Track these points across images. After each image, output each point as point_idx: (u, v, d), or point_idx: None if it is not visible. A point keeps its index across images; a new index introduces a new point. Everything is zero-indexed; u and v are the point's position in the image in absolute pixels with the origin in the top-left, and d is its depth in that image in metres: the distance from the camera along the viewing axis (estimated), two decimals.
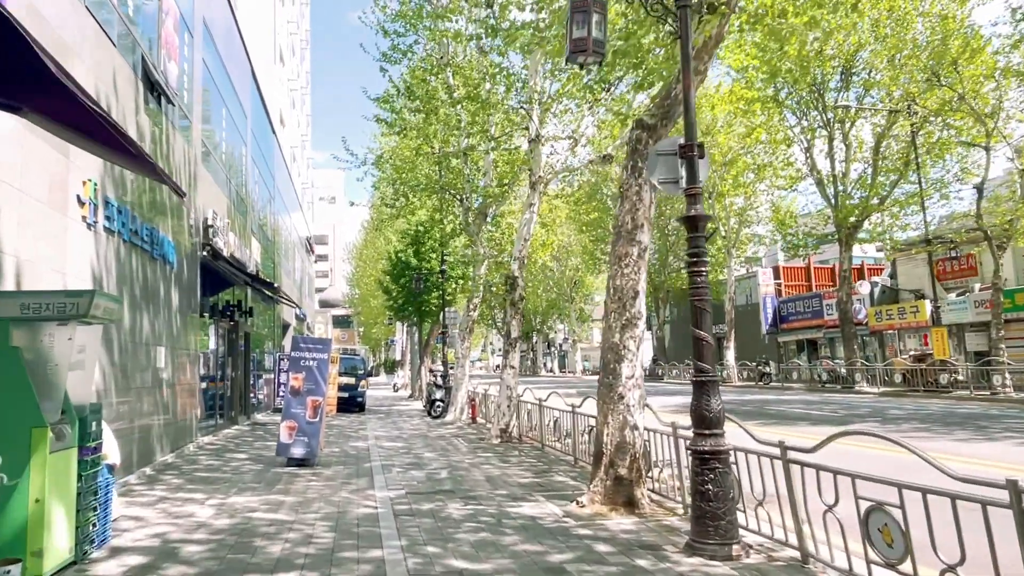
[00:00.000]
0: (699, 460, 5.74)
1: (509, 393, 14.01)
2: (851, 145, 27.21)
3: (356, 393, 22.16)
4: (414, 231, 26.55)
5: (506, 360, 14.37)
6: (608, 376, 7.86)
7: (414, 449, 12.50)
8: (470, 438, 14.44)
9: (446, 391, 20.66)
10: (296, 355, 10.25)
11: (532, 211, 14.81)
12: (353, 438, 14.52)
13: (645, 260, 8.20)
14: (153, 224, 9.78)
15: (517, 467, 10.32)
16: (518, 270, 14.58)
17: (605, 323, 8.13)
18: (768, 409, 18.96)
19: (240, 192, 17.16)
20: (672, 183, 6.52)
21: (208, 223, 12.80)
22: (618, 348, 7.86)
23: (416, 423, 18.63)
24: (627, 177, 8.25)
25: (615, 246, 8.19)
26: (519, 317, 14.46)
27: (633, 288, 7.99)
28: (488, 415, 17.86)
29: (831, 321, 32.22)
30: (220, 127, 14.99)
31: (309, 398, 10.11)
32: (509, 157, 19.95)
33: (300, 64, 39.03)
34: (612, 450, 7.62)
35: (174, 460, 10.51)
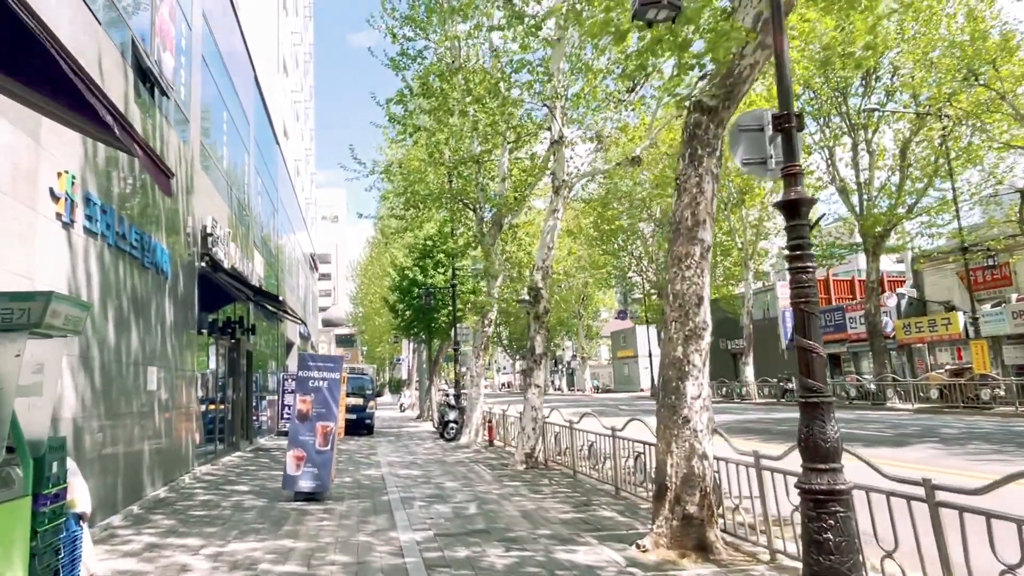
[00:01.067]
0: (813, 502, 4.60)
1: (534, 414, 12.85)
2: (875, 152, 26.21)
3: (365, 415, 20.99)
4: (422, 245, 25.51)
5: (530, 379, 13.23)
6: (670, 396, 6.73)
7: (433, 477, 11.33)
8: (491, 464, 13.26)
9: (459, 412, 19.50)
10: (304, 375, 9.13)
11: (556, 217, 13.75)
12: (364, 465, 13.35)
13: (708, 261, 7.12)
14: (144, 229, 8.72)
15: (552, 499, 9.15)
16: (541, 281, 13.48)
17: (665, 335, 7.02)
18: None
19: (242, 202, 16.13)
20: (758, 164, 5.45)
21: (207, 231, 11.75)
22: (681, 364, 6.74)
23: (430, 447, 17.45)
24: (684, 167, 7.18)
25: (673, 246, 7.11)
26: (544, 332, 13.34)
27: (696, 294, 6.89)
28: (506, 438, 16.71)
29: (854, 335, 31.03)
30: (220, 130, 13.99)
31: (319, 423, 8.97)
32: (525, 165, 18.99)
33: (304, 77, 38.26)
34: (678, 484, 6.48)
35: (167, 495, 9.35)
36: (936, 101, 21.47)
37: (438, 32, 16.72)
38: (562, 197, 13.81)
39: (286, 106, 27.96)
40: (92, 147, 7.06)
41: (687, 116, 7.31)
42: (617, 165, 14.21)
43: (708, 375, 6.88)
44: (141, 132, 8.58)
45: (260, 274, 18.08)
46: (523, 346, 75.24)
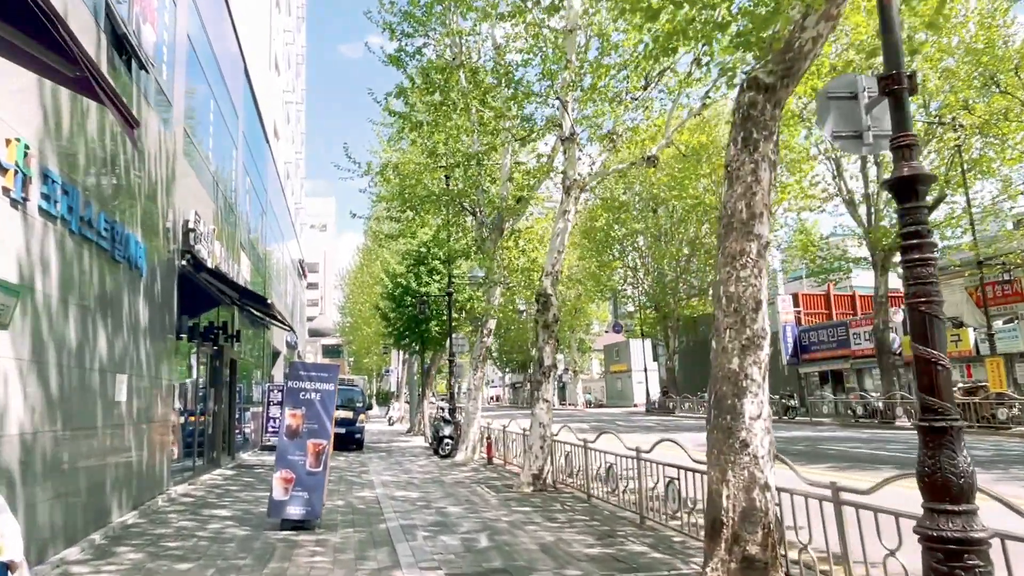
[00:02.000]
0: (944, 553, 3.66)
1: (543, 432, 11.85)
2: (883, 163, 25.58)
3: (354, 429, 19.87)
4: (416, 252, 24.50)
5: (538, 392, 12.23)
6: (724, 416, 5.78)
7: (434, 501, 10.29)
8: (494, 485, 12.23)
9: (455, 427, 18.45)
10: (294, 385, 8.10)
11: (567, 219, 12.83)
12: (357, 485, 12.27)
13: (766, 260, 6.20)
14: (116, 217, 7.69)
15: (570, 528, 8.15)
16: (551, 287, 12.53)
17: (716, 344, 6.08)
18: (825, 449, 16.83)
19: (229, 199, 15.10)
20: (852, 138, 4.54)
21: (189, 227, 10.72)
22: (737, 378, 5.81)
23: (424, 464, 16.38)
24: (737, 153, 6.28)
25: (724, 242, 6.19)
26: (553, 342, 12.37)
27: (754, 297, 5.97)
28: (506, 455, 15.68)
29: (859, 351, 30.29)
30: (207, 120, 12.98)
31: (310, 441, 7.94)
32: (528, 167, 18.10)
33: (296, 79, 37.30)
34: (736, 519, 5.52)
35: (136, 521, 8.25)
36: (952, 109, 20.82)
37: (437, 30, 15.89)
38: (573, 197, 12.90)
39: (277, 106, 26.98)
40: (53, 113, 6.06)
41: (740, 95, 6.41)
42: (632, 165, 13.33)
43: (768, 391, 5.94)
44: None
45: (247, 277, 17.01)
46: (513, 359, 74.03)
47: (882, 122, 4.42)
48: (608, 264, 42.81)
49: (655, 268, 42.44)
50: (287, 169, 30.59)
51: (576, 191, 12.93)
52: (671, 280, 41.72)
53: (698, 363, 43.52)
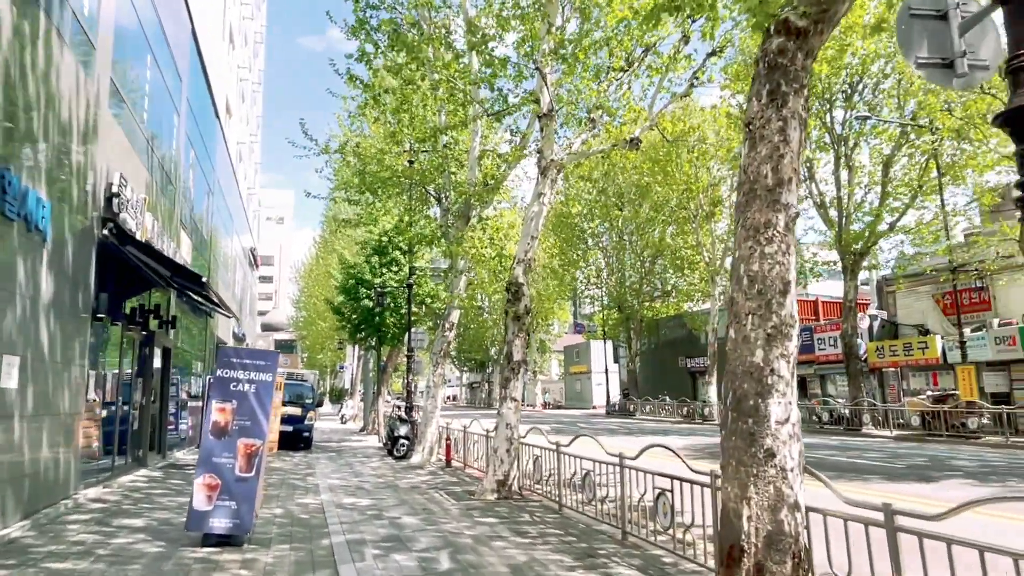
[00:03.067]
0: None
1: (509, 433, 10.76)
2: (855, 167, 25.21)
3: (302, 427, 18.47)
4: (376, 241, 23.16)
5: (506, 390, 11.13)
6: (745, 419, 4.78)
7: (387, 510, 9.11)
8: (454, 491, 11.09)
9: (411, 426, 17.23)
10: (224, 375, 6.84)
11: (542, 203, 11.78)
12: (300, 490, 10.98)
13: (794, 234, 5.24)
14: (7, 164, 6.34)
15: (544, 545, 7.08)
16: (523, 275, 11.46)
17: (736, 333, 5.07)
18: None
19: (168, 170, 13.64)
20: (941, 67, 3.57)
21: (113, 191, 9.33)
22: (761, 374, 4.81)
23: (377, 466, 15.14)
24: (761, 109, 5.31)
25: (746, 212, 5.21)
26: (524, 335, 11.29)
27: (781, 277, 4.99)
28: (466, 458, 14.56)
29: (823, 356, 29.96)
30: (143, 77, 11.56)
31: (241, 441, 6.69)
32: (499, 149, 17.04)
33: (253, 59, 35.48)
34: (759, 545, 4.52)
35: (23, 535, 6.87)
36: (931, 112, 20.43)
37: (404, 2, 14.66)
38: (549, 179, 11.86)
39: (231, 82, 25.33)
40: None
41: (765, 41, 5.44)
42: (614, 146, 12.33)
43: (796, 391, 4.95)
44: (9, 30, 6.24)
45: (187, 259, 15.53)
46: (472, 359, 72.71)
47: (978, 48, 3.46)
48: (573, 263, 41.99)
49: (619, 268, 41.78)
50: (240, 150, 28.89)
51: (553, 172, 11.89)
52: (635, 281, 41.09)
53: (660, 365, 43.01)
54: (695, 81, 12.61)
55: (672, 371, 40.97)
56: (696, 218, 32.13)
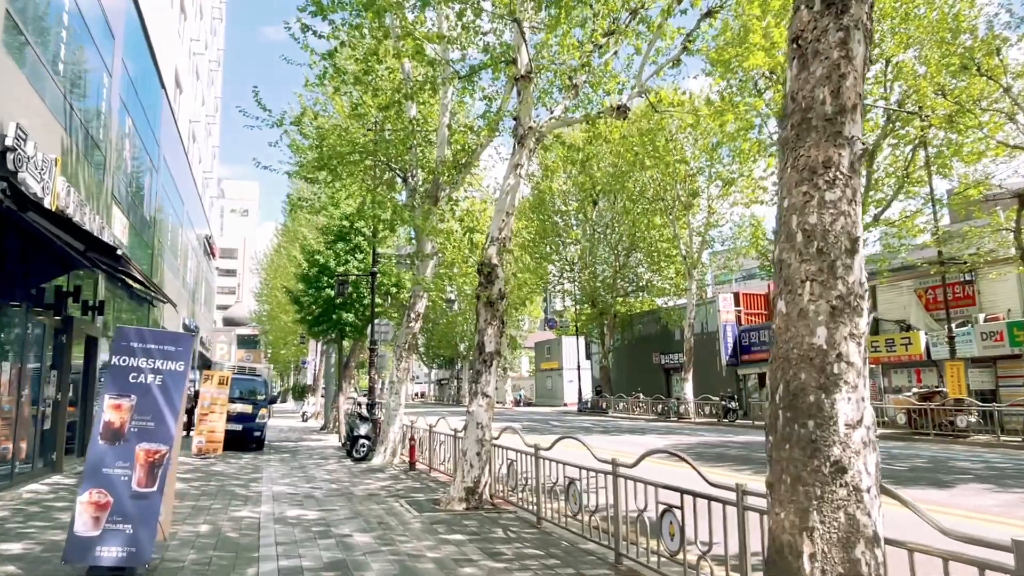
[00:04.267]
0: None
1: (480, 434, 9.45)
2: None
3: (253, 425, 16.92)
4: (338, 227, 21.62)
5: (476, 385, 9.81)
6: (802, 421, 3.55)
7: (336, 525, 7.73)
8: (416, 499, 9.75)
9: (372, 425, 15.82)
10: (121, 362, 5.41)
11: (518, 175, 10.48)
12: (238, 499, 9.52)
13: (861, 179, 4.02)
14: None
15: (521, 572, 5.80)
16: (496, 256, 10.15)
17: (786, 306, 3.83)
18: None
19: (94, 135, 12.03)
20: None
21: (7, 143, 7.78)
22: (825, 359, 3.59)
23: (333, 469, 13.72)
24: (813, 19, 4.16)
25: (796, 150, 4.00)
26: (498, 323, 9.98)
27: (848, 232, 3.78)
28: (432, 459, 13.22)
29: None
30: (57, 21, 9.96)
31: (142, 447, 5.26)
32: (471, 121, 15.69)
33: (211, 36, 33.52)
34: None
35: None
36: (921, 98, 19.58)
37: None
38: (527, 149, 10.56)
39: (182, 54, 23.53)
40: None
41: None
42: (599, 115, 11.07)
43: (868, 383, 3.72)
44: None
45: (120, 239, 13.92)
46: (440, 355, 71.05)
47: None
48: (545, 256, 40.79)
49: (592, 262, 40.70)
50: (192, 129, 27.06)
51: (531, 141, 10.59)
52: (608, 276, 40.04)
53: (634, 362, 42.05)
54: (687, 45, 11.46)
55: (646, 368, 40.02)
56: (673, 210, 31.15)
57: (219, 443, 15.02)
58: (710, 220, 31.55)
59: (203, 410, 14.95)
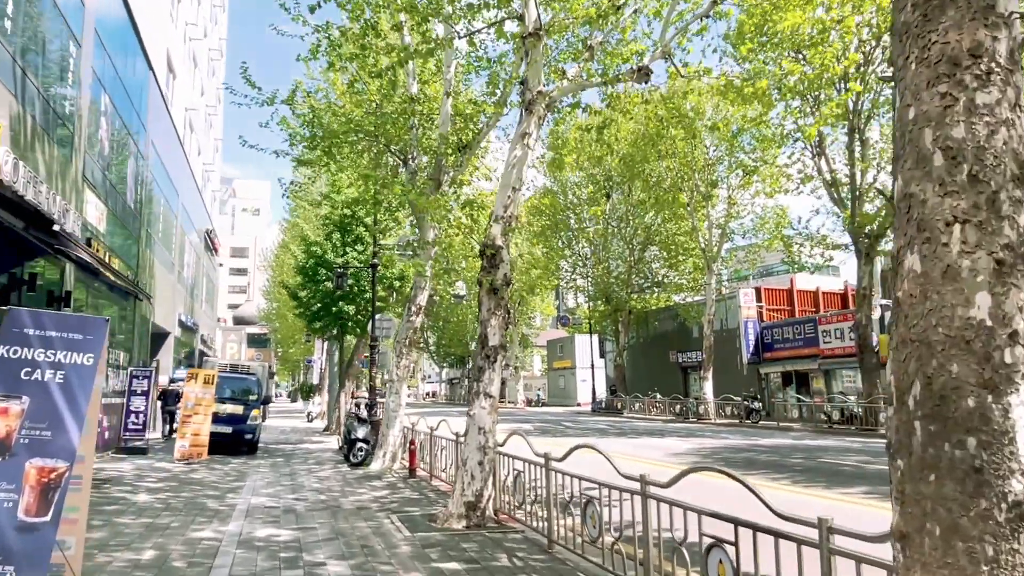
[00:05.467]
0: None
1: (483, 440, 8.23)
2: (868, 140, 22.99)
3: (245, 428, 15.77)
4: (339, 216, 20.46)
5: (478, 384, 8.58)
6: (955, 437, 2.22)
7: (311, 549, 6.53)
8: (411, 515, 8.53)
9: (371, 427, 14.64)
10: (10, 353, 4.20)
11: (526, 145, 9.24)
12: (205, 515, 8.32)
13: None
14: None
15: None
16: (501, 236, 8.92)
17: (922, 261, 2.50)
18: (834, 464, 13.76)
19: (59, 108, 10.91)
20: None
21: None
22: (990, 340, 2.26)
23: (326, 475, 12.54)
24: None
25: (921, 36, 2.66)
26: (502, 313, 8.74)
27: (1013, 150, 2.44)
28: (433, 465, 12.01)
29: (828, 350, 27.73)
30: None
31: (32, 464, 4.06)
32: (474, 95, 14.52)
33: (212, 24, 32.50)
34: None
35: None
36: None
37: None
38: (536, 116, 9.31)
39: (174, 36, 22.46)
40: None
41: None
42: (616, 78, 9.79)
43: None
44: None
45: (93, 223, 12.81)
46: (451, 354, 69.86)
47: None
48: (557, 251, 39.52)
49: (606, 257, 39.34)
50: (189, 118, 26.00)
51: (540, 108, 9.34)
52: (623, 271, 38.69)
53: (649, 360, 40.67)
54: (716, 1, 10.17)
55: (662, 366, 38.62)
56: (691, 201, 29.76)
57: (204, 447, 13.88)
58: (730, 212, 30.16)
59: (187, 411, 13.81)
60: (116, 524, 7.46)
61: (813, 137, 17.32)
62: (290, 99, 14.91)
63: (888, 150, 23.15)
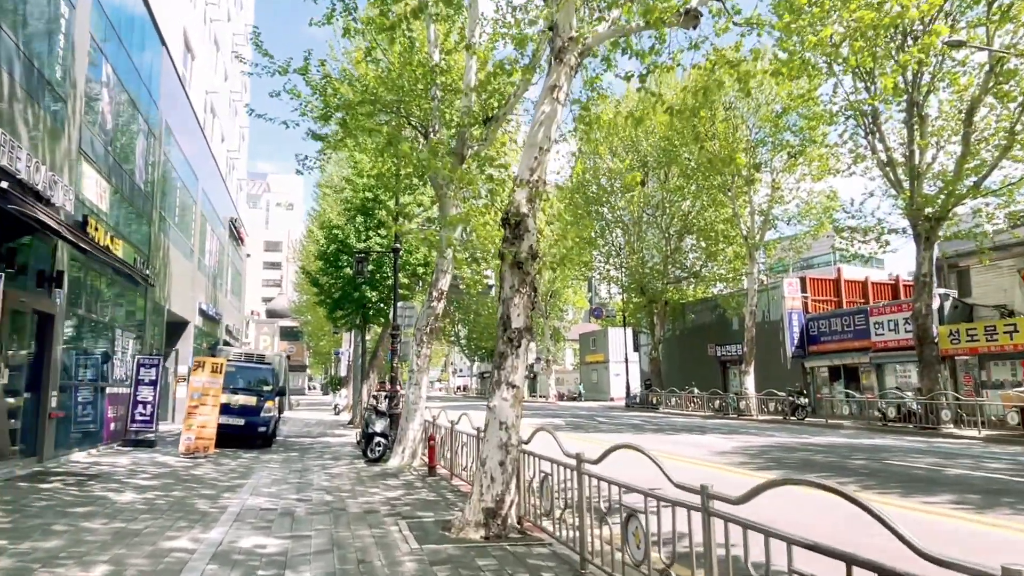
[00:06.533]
0: None
1: (503, 437, 7.08)
2: (928, 116, 21.21)
3: (258, 420, 14.86)
4: (360, 200, 19.50)
5: (500, 372, 7.43)
6: None
7: (297, 566, 5.46)
8: (423, 521, 7.44)
9: (389, 421, 13.62)
10: None
11: (555, 99, 8.04)
12: (189, 519, 7.31)
13: None
14: None
15: None
16: (527, 204, 7.75)
17: None
18: (903, 468, 12.32)
19: (48, 74, 10.04)
20: None
21: None
22: None
23: (339, 473, 11.53)
24: None
25: None
26: (527, 290, 7.57)
27: None
28: (454, 463, 10.91)
29: (880, 343, 25.97)
30: None
31: None
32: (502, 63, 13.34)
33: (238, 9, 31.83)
34: None
35: None
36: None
37: None
38: (567, 66, 8.10)
39: (194, 16, 21.72)
40: None
41: None
42: (660, 19, 8.51)
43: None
44: None
45: (92, 200, 11.96)
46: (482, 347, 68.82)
47: None
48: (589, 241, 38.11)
49: (640, 248, 37.82)
50: (211, 101, 25.31)
51: (572, 56, 8.13)
52: (658, 261, 37.16)
53: (686, 354, 39.11)
54: None
55: (700, 360, 37.02)
56: (732, 186, 28.18)
57: (210, 440, 12.97)
58: (774, 197, 28.50)
59: (193, 402, 12.92)
60: (80, 530, 6.49)
61: (889, 89, 15.66)
62: (304, 69, 13.94)
63: (948, 127, 21.37)
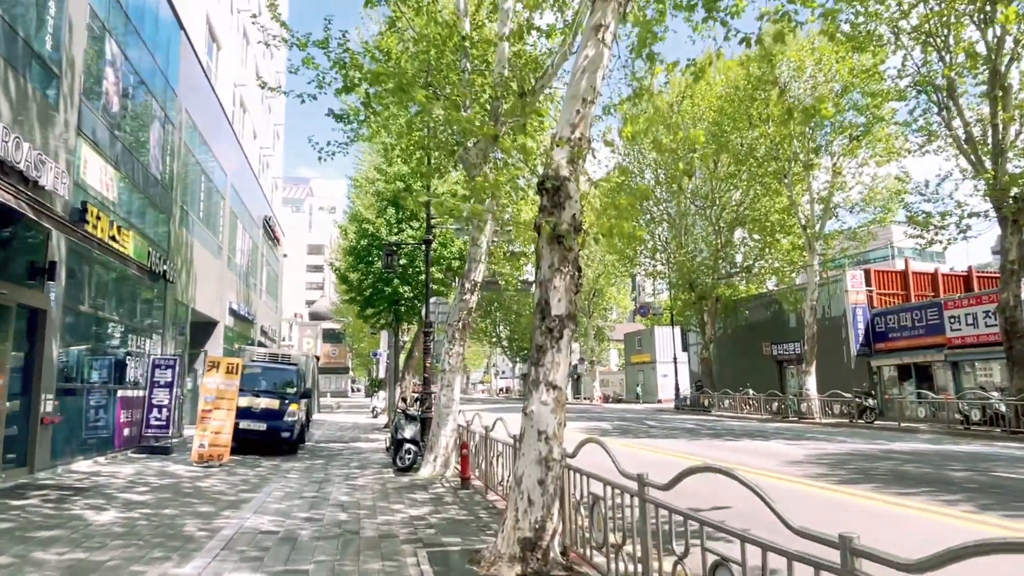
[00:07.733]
0: None
1: (544, 451, 5.73)
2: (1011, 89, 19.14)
3: (282, 424, 13.80)
4: (392, 191, 18.39)
5: (538, 370, 6.07)
6: None
7: None
8: (447, 549, 6.14)
9: (419, 426, 12.39)
10: None
11: (600, 41, 6.66)
12: (167, 547, 6.12)
13: None
14: None
15: None
16: (568, 165, 6.40)
17: None
18: (1019, 481, 10.57)
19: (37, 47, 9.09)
20: None
21: None
22: None
23: (365, 483, 10.34)
24: None
25: None
26: (570, 269, 6.21)
27: None
28: (488, 474, 9.61)
29: (957, 339, 23.80)
30: None
31: None
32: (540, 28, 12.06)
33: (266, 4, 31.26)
34: None
35: None
36: None
37: None
38: (614, 2, 6.73)
39: (218, 5, 20.95)
40: None
41: None
42: None
43: None
44: None
45: (95, 187, 11.03)
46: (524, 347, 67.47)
47: None
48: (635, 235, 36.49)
49: (688, 241, 36.02)
50: (240, 95, 24.57)
51: None
52: (708, 256, 35.31)
53: (740, 353, 37.13)
54: None
55: (754, 359, 35.04)
56: (789, 173, 26.27)
57: (225, 448, 11.91)
58: (834, 183, 26.50)
59: (206, 406, 11.89)
60: (27, 562, 5.36)
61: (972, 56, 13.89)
62: (324, 43, 12.86)
63: None
